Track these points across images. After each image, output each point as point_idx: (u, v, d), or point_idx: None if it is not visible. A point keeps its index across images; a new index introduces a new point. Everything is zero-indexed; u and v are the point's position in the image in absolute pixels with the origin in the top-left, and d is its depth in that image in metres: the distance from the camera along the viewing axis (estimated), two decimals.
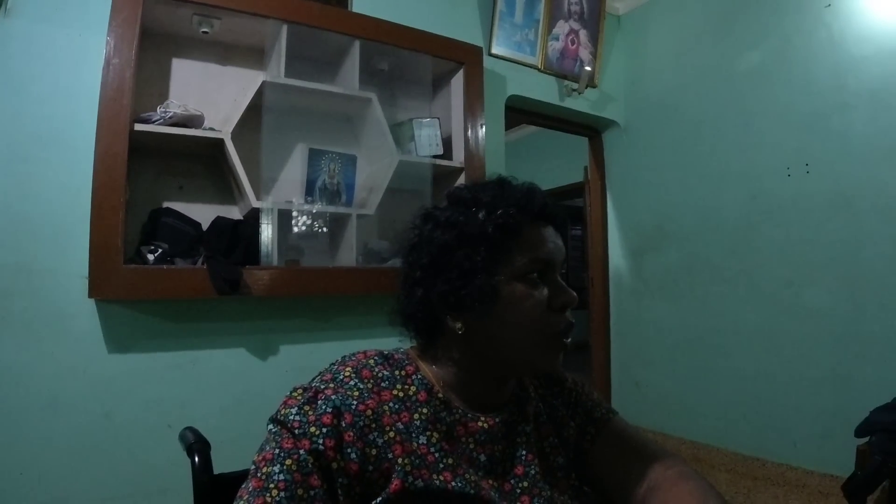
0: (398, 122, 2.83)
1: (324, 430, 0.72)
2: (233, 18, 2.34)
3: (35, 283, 2.01)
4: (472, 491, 0.77)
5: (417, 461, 0.76)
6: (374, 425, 0.75)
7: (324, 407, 0.74)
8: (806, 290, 3.04)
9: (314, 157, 2.53)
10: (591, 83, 3.50)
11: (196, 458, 0.94)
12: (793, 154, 3.11)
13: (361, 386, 0.78)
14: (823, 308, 2.97)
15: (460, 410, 0.82)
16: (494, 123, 3.14)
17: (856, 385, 2.80)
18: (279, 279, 2.33)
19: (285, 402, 0.77)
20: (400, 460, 0.75)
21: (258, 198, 2.34)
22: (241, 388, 2.34)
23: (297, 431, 0.72)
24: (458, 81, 2.96)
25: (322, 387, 0.77)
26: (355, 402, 0.75)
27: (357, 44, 2.59)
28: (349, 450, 0.73)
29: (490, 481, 0.80)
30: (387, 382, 0.80)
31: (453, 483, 0.76)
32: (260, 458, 0.72)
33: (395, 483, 0.73)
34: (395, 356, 0.86)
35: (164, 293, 2.13)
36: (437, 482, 0.75)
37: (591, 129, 4.05)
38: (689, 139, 3.59)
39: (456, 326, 0.81)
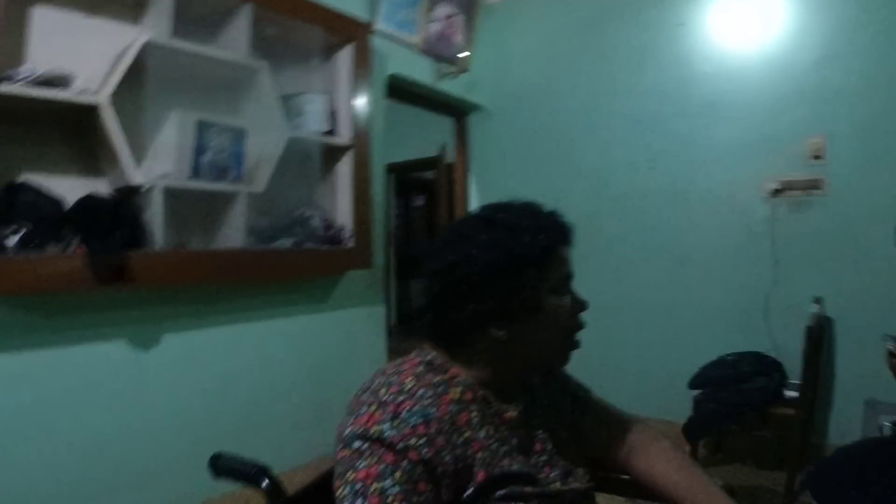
0: (286, 94, 2.66)
1: (423, 439, 0.77)
2: None
3: None
4: (526, 470, 0.88)
5: (487, 452, 0.84)
6: (452, 428, 0.82)
7: (413, 419, 0.78)
8: (644, 267, 3.52)
9: (202, 129, 2.30)
10: (464, 68, 3.56)
11: (267, 483, 0.92)
12: (639, 151, 3.52)
13: (429, 394, 0.83)
14: (657, 283, 3.46)
15: (495, 405, 0.90)
16: (377, 101, 3.09)
17: (684, 346, 3.31)
18: (167, 264, 2.13)
19: (369, 418, 0.79)
20: (479, 454, 0.83)
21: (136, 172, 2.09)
22: (124, 384, 2.12)
23: (398, 445, 0.76)
24: (345, 57, 2.86)
25: (398, 400, 0.81)
26: (433, 410, 0.81)
27: (248, 7, 2.39)
28: (444, 453, 0.79)
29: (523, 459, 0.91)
30: (441, 388, 0.86)
31: (514, 466, 0.86)
32: (362, 475, 0.74)
33: (480, 474, 0.82)
34: (435, 362, 0.90)
35: (34, 286, 1.84)
36: (505, 467, 0.85)
37: (457, 111, 4.13)
38: (548, 128, 3.86)
39: (500, 335, 0.89)
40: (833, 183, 2.96)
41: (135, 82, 2.11)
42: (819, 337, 2.66)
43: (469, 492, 0.81)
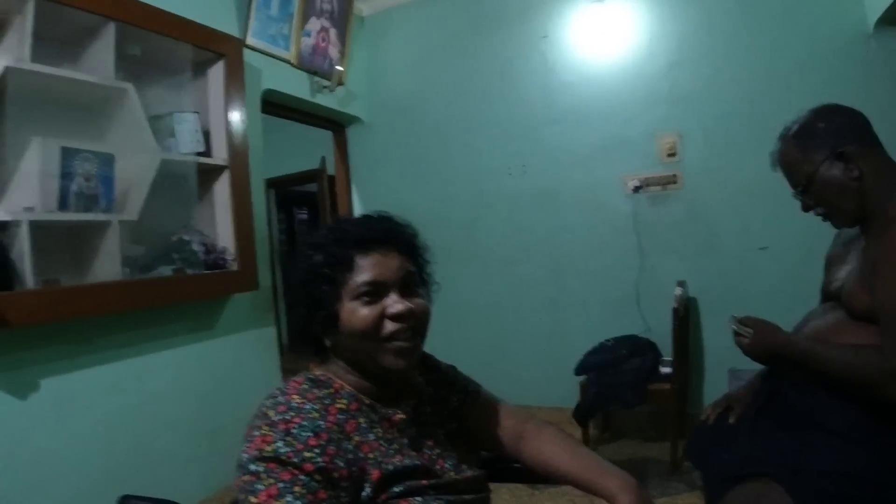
0: (155, 115, 2.54)
1: (315, 451, 0.83)
2: None
3: None
4: (418, 463, 0.94)
5: (378, 453, 0.91)
6: (342, 436, 0.88)
7: (303, 433, 0.84)
8: (522, 267, 3.75)
9: (67, 157, 2.16)
10: (340, 81, 3.56)
11: None
12: (511, 158, 3.74)
13: (316, 407, 0.89)
14: (537, 280, 3.71)
15: (381, 410, 0.97)
16: (253, 118, 3.01)
17: (567, 336, 3.57)
18: (40, 304, 1.99)
19: (262, 440, 0.83)
20: (370, 455, 0.90)
21: None
22: (2, 435, 1.96)
23: (293, 460, 0.81)
24: (216, 73, 2.78)
25: (287, 417, 0.86)
26: (321, 423, 0.87)
27: (112, 26, 2.27)
28: (337, 460, 0.84)
29: (415, 455, 0.99)
30: (328, 400, 0.92)
31: (405, 461, 0.93)
32: (263, 497, 0.78)
33: (374, 473, 0.88)
34: (319, 378, 0.96)
35: None
36: (397, 464, 0.91)
37: (336, 124, 4.12)
38: (424, 139, 3.99)
39: (328, 343, 0.99)
40: (686, 178, 3.31)
41: None
42: (684, 316, 2.97)
43: (367, 491, 0.86)
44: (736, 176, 3.17)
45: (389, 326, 0.94)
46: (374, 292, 0.95)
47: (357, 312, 0.93)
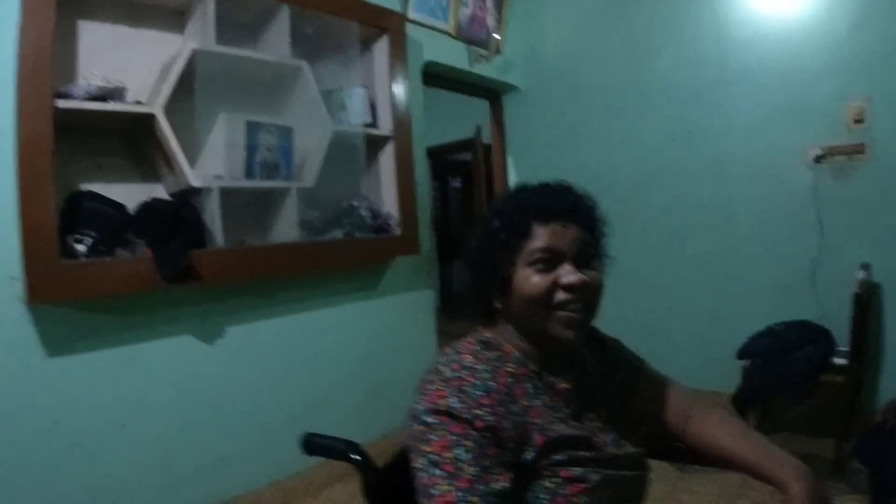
0: (326, 90, 2.72)
1: (486, 409, 0.86)
2: None
3: None
4: (580, 433, 0.95)
5: (543, 419, 0.92)
6: (510, 398, 0.90)
7: (475, 392, 0.87)
8: (686, 241, 3.51)
9: (252, 130, 2.39)
10: (497, 50, 3.58)
11: (358, 457, 1.04)
12: (678, 123, 3.50)
13: (488, 368, 0.92)
14: (702, 255, 3.46)
15: (546, 378, 0.98)
16: (415, 90, 3.13)
17: (732, 317, 3.30)
18: (228, 262, 2.23)
19: (437, 395, 0.87)
20: (536, 421, 0.91)
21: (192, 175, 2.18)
22: (190, 376, 2.25)
23: (465, 416, 0.84)
24: (381, 48, 2.91)
25: (461, 375, 0.90)
26: (492, 384, 0.90)
27: (286, 9, 2.46)
28: (504, 421, 0.87)
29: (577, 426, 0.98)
30: (498, 362, 0.94)
31: (568, 430, 0.93)
32: (436, 447, 0.83)
33: (538, 438, 0.89)
34: (490, 341, 0.98)
35: (107, 288, 1.95)
36: (560, 432, 0.92)
37: (492, 92, 4.16)
38: (583, 105, 3.86)
39: (498, 306, 0.99)
40: (876, 147, 2.90)
41: (184, 89, 2.20)
42: (867, 303, 2.64)
43: (530, 455, 0.88)
44: None
45: (560, 296, 0.94)
46: (549, 260, 0.95)
47: (530, 279, 0.94)
